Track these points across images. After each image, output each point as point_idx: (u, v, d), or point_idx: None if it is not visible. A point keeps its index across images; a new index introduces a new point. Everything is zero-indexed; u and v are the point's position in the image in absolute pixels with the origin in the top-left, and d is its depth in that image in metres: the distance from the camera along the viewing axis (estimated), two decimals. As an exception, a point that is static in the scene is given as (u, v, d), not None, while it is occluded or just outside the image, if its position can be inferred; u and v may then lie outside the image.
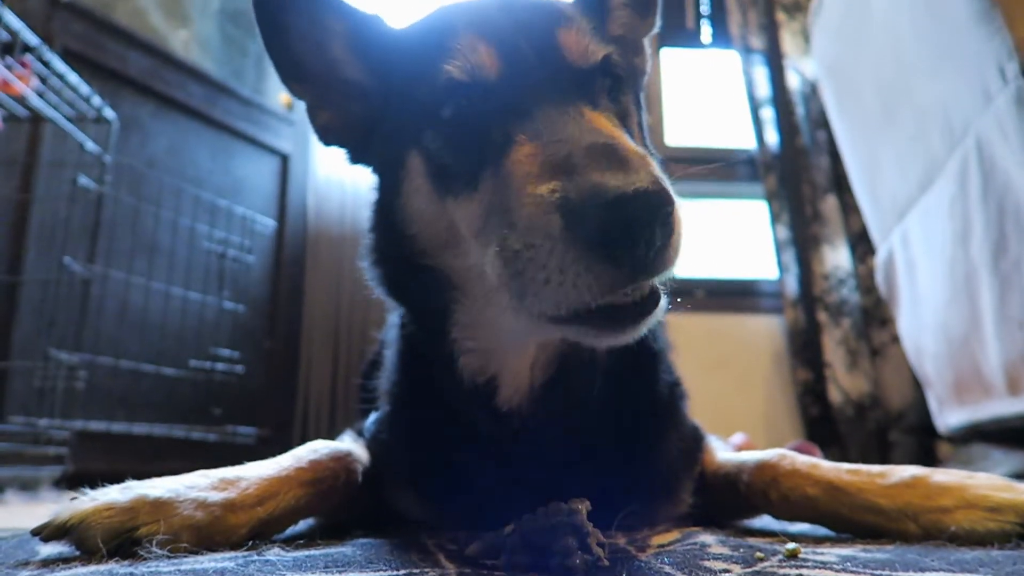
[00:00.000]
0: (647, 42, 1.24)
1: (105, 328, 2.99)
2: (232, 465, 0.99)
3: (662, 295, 0.77)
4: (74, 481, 2.44)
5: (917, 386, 3.32)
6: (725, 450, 1.29)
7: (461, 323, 1.01)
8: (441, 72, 0.91)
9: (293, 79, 1.11)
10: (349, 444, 1.17)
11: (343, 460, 1.09)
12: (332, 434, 1.32)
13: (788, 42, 4.38)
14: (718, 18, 4.68)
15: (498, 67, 0.90)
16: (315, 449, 1.08)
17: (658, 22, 1.23)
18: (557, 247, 0.70)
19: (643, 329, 0.78)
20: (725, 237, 4.65)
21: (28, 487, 2.36)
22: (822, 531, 1.05)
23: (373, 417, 1.28)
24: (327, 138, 1.13)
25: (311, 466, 1.03)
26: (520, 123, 0.84)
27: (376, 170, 1.12)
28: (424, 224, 0.99)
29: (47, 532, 0.82)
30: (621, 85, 0.99)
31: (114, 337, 3.02)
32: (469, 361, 1.02)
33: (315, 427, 3.79)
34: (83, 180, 2.70)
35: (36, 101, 2.47)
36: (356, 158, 1.14)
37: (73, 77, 2.60)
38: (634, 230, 0.67)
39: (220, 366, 3.31)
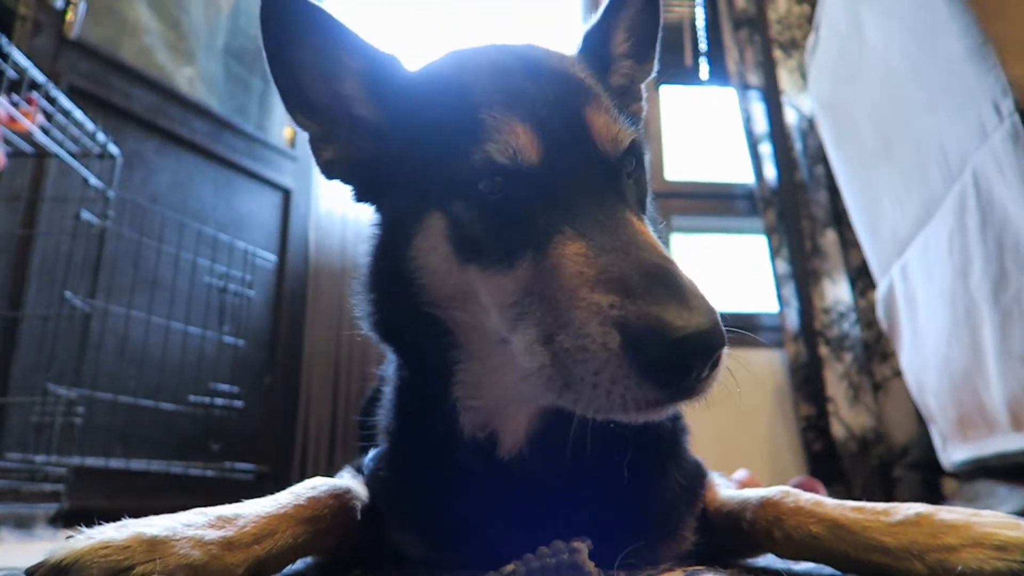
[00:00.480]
0: (644, 86, 1.26)
1: (104, 363, 2.98)
2: (230, 502, 0.98)
3: (706, 394, 0.80)
4: (70, 518, 2.42)
5: (920, 421, 3.30)
6: (728, 487, 1.27)
7: (464, 382, 1.01)
8: (478, 149, 0.91)
9: (299, 110, 1.10)
10: (348, 481, 1.16)
11: (342, 497, 1.08)
12: (331, 470, 1.31)
13: (785, 79, 4.44)
14: (716, 55, 4.74)
15: (538, 152, 0.91)
16: (314, 486, 1.07)
17: (656, 67, 1.25)
18: (612, 361, 0.73)
19: (666, 414, 0.82)
20: (725, 271, 4.66)
21: (23, 524, 2.33)
22: (827, 570, 1.04)
23: (372, 454, 1.27)
24: (331, 173, 1.12)
25: (310, 503, 1.02)
26: (563, 215, 0.86)
27: (383, 213, 1.12)
28: (436, 279, 0.99)
29: (42, 571, 0.81)
30: (642, 160, 1.02)
31: (113, 372, 3.01)
32: (470, 418, 1.02)
33: (314, 463, 3.76)
34: (86, 215, 2.71)
35: (41, 137, 2.50)
36: (362, 197, 1.14)
37: (78, 114, 2.63)
38: (688, 365, 0.72)
39: (219, 401, 3.29)
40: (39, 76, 2.47)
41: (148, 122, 3.43)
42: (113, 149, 2.81)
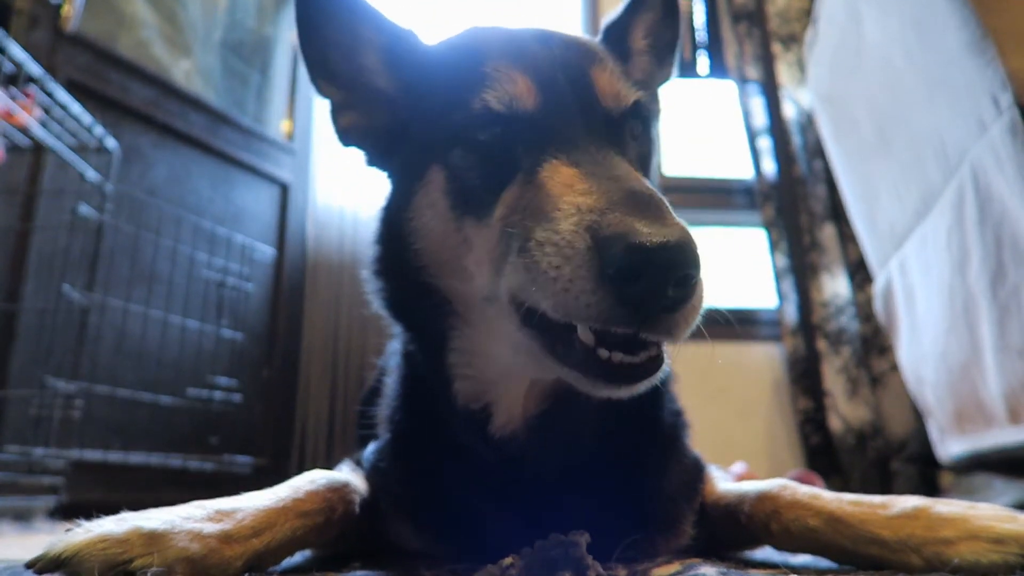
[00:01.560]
0: (660, 89, 1.27)
1: (102, 357, 2.98)
2: (229, 495, 0.98)
3: (664, 360, 0.79)
4: (69, 511, 2.42)
5: (918, 415, 3.31)
6: (726, 480, 1.28)
7: (458, 349, 1.02)
8: (477, 98, 0.94)
9: (323, 79, 1.15)
10: (347, 474, 1.16)
11: (341, 491, 1.08)
12: (330, 464, 1.31)
13: (784, 73, 4.43)
14: (715, 49, 4.74)
15: (535, 100, 0.93)
16: (312, 480, 1.07)
17: (675, 72, 1.26)
18: (575, 258, 0.73)
19: (640, 389, 0.80)
20: (724, 265, 4.66)
21: (22, 517, 2.34)
22: (824, 563, 1.04)
23: (372, 446, 1.27)
24: (347, 139, 1.17)
25: (308, 497, 1.02)
26: (556, 150, 0.87)
27: (391, 177, 1.15)
28: (432, 240, 1.01)
29: (41, 564, 0.81)
30: (647, 128, 1.02)
31: (111, 366, 3.01)
32: (464, 387, 1.03)
33: (313, 456, 3.76)
34: (84, 209, 2.71)
35: (39, 131, 2.49)
36: (373, 162, 1.18)
37: (76, 107, 2.63)
38: (647, 276, 0.70)
39: (218, 395, 3.29)
40: (36, 70, 2.46)
41: (145, 116, 3.42)
42: (110, 143, 2.80)
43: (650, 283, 0.70)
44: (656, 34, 1.28)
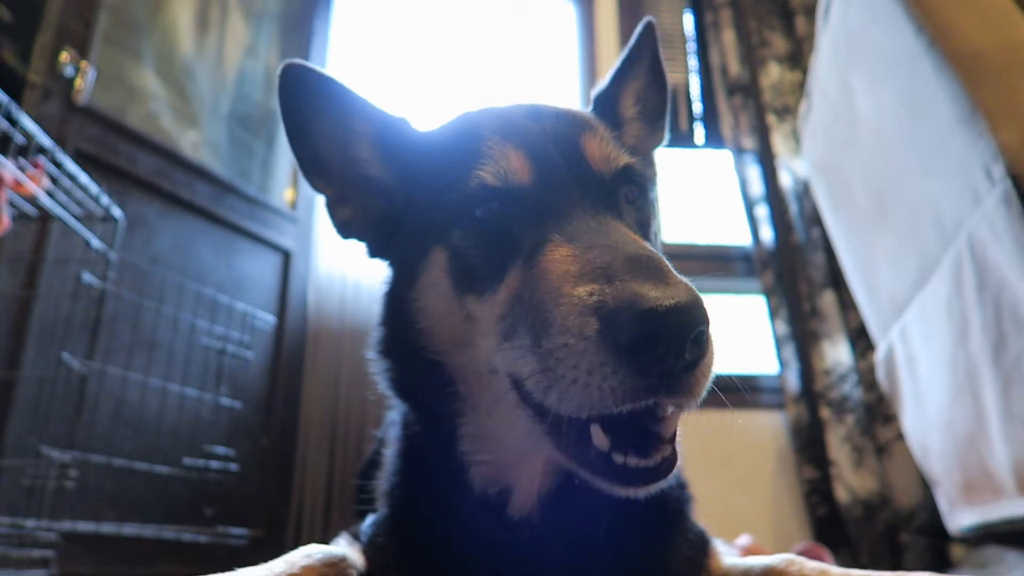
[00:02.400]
0: (655, 154, 1.29)
1: (99, 425, 2.95)
2: (224, 568, 0.96)
3: (677, 459, 0.79)
4: (58, 586, 2.36)
5: (926, 485, 3.26)
6: (731, 554, 1.25)
7: (470, 435, 1.02)
8: (472, 176, 0.94)
9: (316, 176, 1.14)
10: (344, 548, 1.14)
11: (338, 566, 1.05)
12: (327, 536, 1.29)
13: (779, 143, 4.51)
14: (711, 120, 4.84)
15: (529, 173, 0.94)
16: (309, 554, 1.05)
17: (666, 136, 1.29)
18: (590, 348, 0.71)
19: (654, 490, 0.80)
20: (725, 332, 4.65)
21: (11, 592, 2.28)
22: (835, 643, 1.01)
23: (370, 520, 1.24)
24: (346, 232, 1.16)
25: (304, 572, 1.00)
26: (554, 226, 0.87)
27: (393, 264, 1.15)
28: (437, 318, 1.01)
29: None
30: (643, 193, 1.03)
31: (108, 434, 2.98)
32: (480, 473, 1.02)
33: (309, 528, 3.68)
34: (87, 277, 2.72)
35: (46, 200, 2.53)
36: (375, 252, 1.17)
37: (84, 177, 2.67)
38: (666, 341, 0.69)
39: (214, 464, 3.25)
40: (46, 141, 2.51)
41: (152, 185, 3.47)
42: (116, 212, 2.84)
43: (668, 348, 0.69)
44: (645, 100, 1.30)
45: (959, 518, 2.76)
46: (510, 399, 0.89)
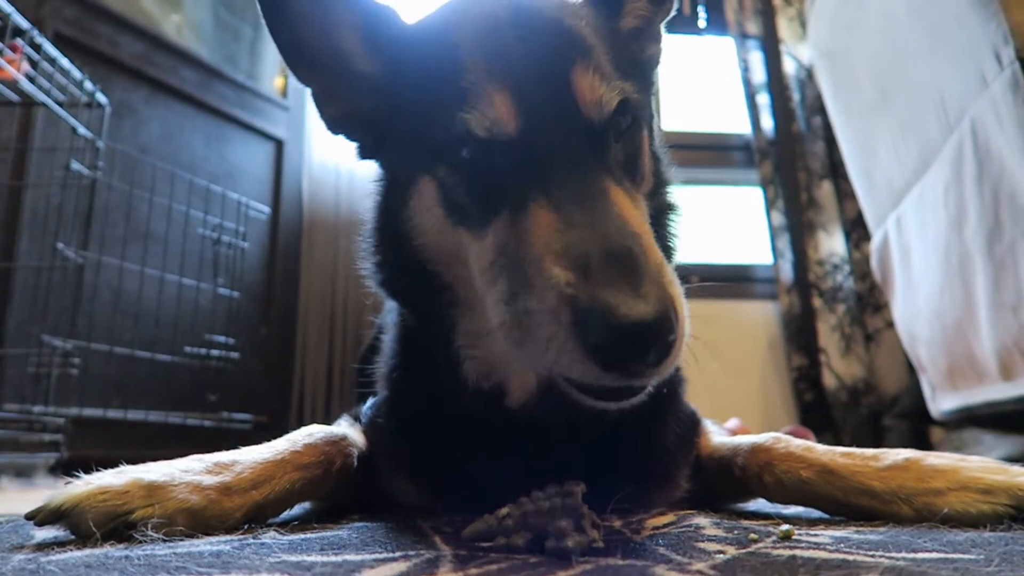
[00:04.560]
0: (661, 28, 1.22)
1: (99, 315, 2.98)
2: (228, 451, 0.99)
3: (655, 380, 0.79)
4: (69, 467, 2.43)
5: (911, 371, 3.34)
6: (720, 434, 1.29)
7: (465, 332, 1.02)
8: (457, 117, 0.90)
9: (299, 64, 1.09)
10: (345, 429, 1.17)
11: (339, 444, 1.09)
12: (328, 420, 1.32)
13: (784, 28, 4.37)
14: (714, 4, 4.66)
15: (515, 122, 0.89)
16: (310, 433, 1.08)
17: (675, 7, 1.22)
18: (560, 334, 0.74)
19: (632, 403, 0.82)
20: (720, 223, 4.65)
21: (23, 474, 2.36)
22: (816, 514, 1.06)
23: (370, 402, 1.28)
24: (335, 128, 1.12)
25: (306, 450, 1.03)
26: (539, 183, 0.84)
27: (384, 169, 1.12)
28: (433, 239, 1.00)
29: (41, 516, 0.82)
30: (637, 118, 0.99)
31: (108, 324, 3.01)
32: (475, 367, 1.03)
33: (311, 413, 3.79)
34: (76, 165, 2.68)
35: (27, 86, 2.45)
36: (365, 155, 1.13)
37: (65, 61, 2.58)
38: (632, 352, 0.72)
39: (215, 352, 3.30)
40: (23, 22, 2.41)
41: (136, 71, 3.36)
42: (101, 98, 2.76)
43: (631, 355, 0.72)
44: None
45: (942, 402, 2.85)
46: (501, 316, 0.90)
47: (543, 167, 0.86)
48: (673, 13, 1.21)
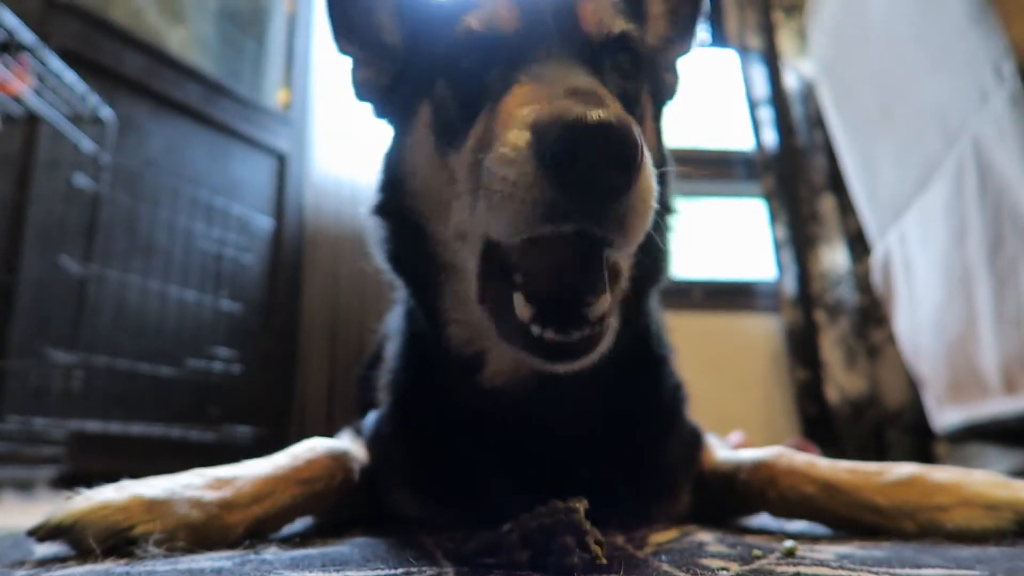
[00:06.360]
0: (678, 62, 1.24)
1: (101, 328, 2.98)
2: (229, 465, 0.99)
3: (604, 339, 0.79)
4: (70, 481, 2.42)
5: (914, 385, 3.33)
6: (723, 449, 1.29)
7: (450, 293, 1.03)
8: (461, 23, 0.96)
9: (345, 39, 1.19)
10: (346, 443, 1.17)
11: (340, 459, 1.09)
12: (330, 433, 1.32)
13: (786, 42, 4.39)
14: (716, 18, 4.68)
15: (515, 21, 0.94)
16: (311, 447, 1.08)
17: (694, 45, 1.24)
18: (519, 158, 0.72)
19: (578, 366, 0.81)
20: (723, 237, 4.66)
21: (24, 487, 2.35)
22: (820, 529, 1.05)
23: (373, 414, 1.27)
24: (360, 93, 1.20)
25: (307, 465, 1.03)
26: (524, 70, 0.86)
27: (392, 124, 1.17)
28: (422, 177, 1.02)
29: (42, 532, 0.82)
30: (638, 65, 1.00)
31: (110, 337, 3.01)
32: (455, 332, 1.04)
33: (312, 426, 3.77)
34: (79, 180, 2.69)
35: (32, 100, 2.46)
36: (379, 112, 1.20)
37: (70, 76, 2.59)
38: (585, 157, 0.69)
39: (217, 366, 3.30)
40: (29, 37, 2.42)
41: (140, 85, 3.38)
42: (106, 113, 2.77)
43: (586, 161, 0.69)
44: (676, 2, 1.25)
45: (945, 416, 2.84)
46: (471, 267, 0.90)
47: (533, 60, 0.88)
48: (689, 52, 1.23)
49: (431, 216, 1.01)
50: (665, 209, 1.13)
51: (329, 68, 4.11)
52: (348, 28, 1.19)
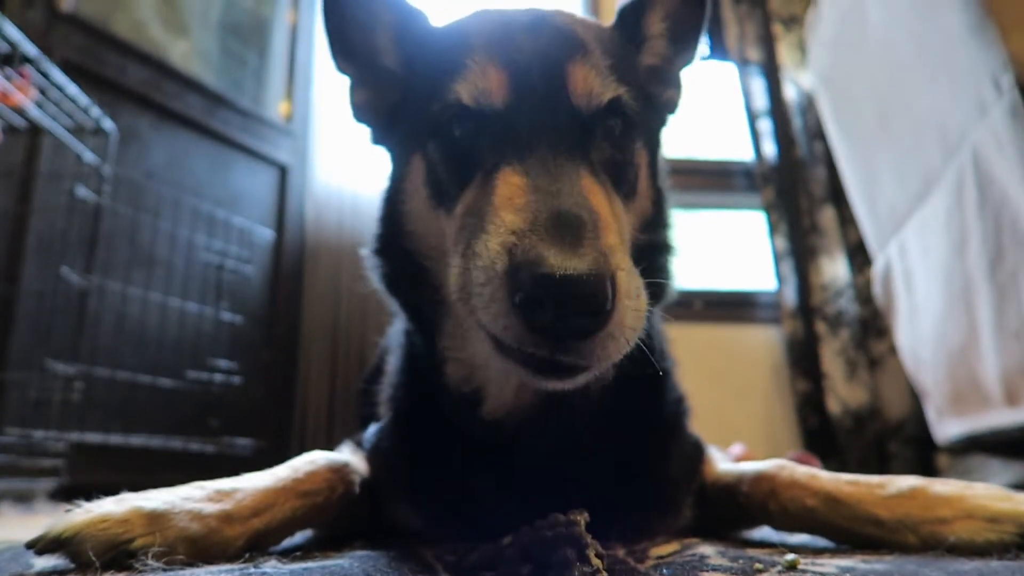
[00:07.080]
0: (680, 75, 1.25)
1: (102, 339, 2.98)
2: (229, 477, 0.99)
3: (598, 361, 0.78)
4: (70, 493, 2.42)
5: (915, 397, 3.32)
6: (724, 461, 1.29)
7: (448, 332, 1.04)
8: (451, 90, 0.95)
9: (341, 56, 1.19)
10: (347, 455, 1.17)
11: (340, 471, 1.08)
12: (330, 445, 1.32)
13: (785, 54, 4.40)
14: (715, 31, 4.70)
15: (505, 97, 0.93)
16: (312, 460, 1.08)
17: (697, 57, 1.25)
18: (495, 283, 0.74)
19: (577, 383, 0.81)
20: (723, 248, 4.66)
21: (23, 499, 2.35)
22: (821, 542, 1.05)
23: (373, 427, 1.27)
24: (357, 115, 1.20)
25: (307, 477, 1.03)
26: (515, 154, 0.87)
27: (391, 155, 1.17)
28: (419, 224, 1.04)
29: (41, 545, 0.81)
30: (631, 127, 1.00)
31: (111, 348, 3.01)
32: (455, 370, 1.05)
33: (313, 438, 3.77)
34: (81, 191, 2.70)
35: (35, 112, 2.47)
36: (376, 140, 1.20)
37: (72, 88, 2.61)
38: (549, 309, 0.70)
39: (218, 377, 3.30)
40: (32, 50, 2.44)
41: (142, 97, 3.39)
42: (108, 124, 2.78)
43: (553, 313, 0.70)
44: (677, 17, 1.25)
45: (947, 428, 2.83)
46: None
47: (522, 140, 0.88)
48: (692, 63, 1.24)
49: (430, 257, 1.03)
50: (666, 249, 1.13)
51: (331, 81, 4.13)
52: (345, 47, 1.19)
